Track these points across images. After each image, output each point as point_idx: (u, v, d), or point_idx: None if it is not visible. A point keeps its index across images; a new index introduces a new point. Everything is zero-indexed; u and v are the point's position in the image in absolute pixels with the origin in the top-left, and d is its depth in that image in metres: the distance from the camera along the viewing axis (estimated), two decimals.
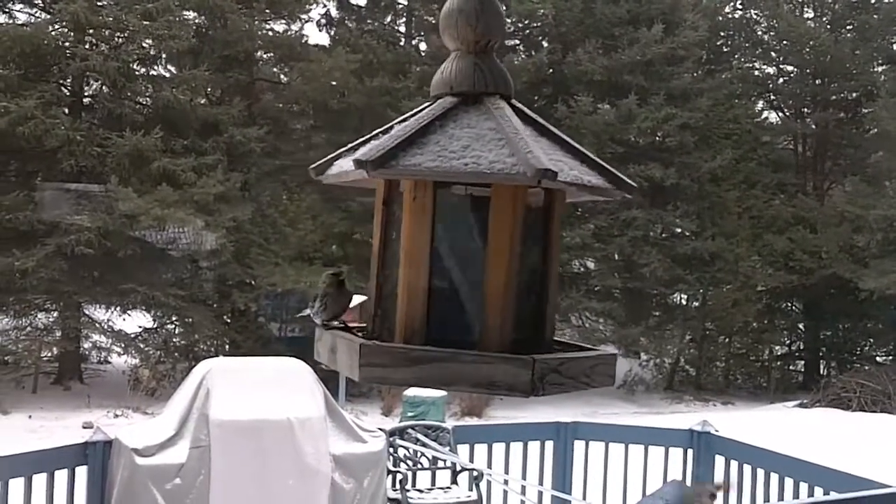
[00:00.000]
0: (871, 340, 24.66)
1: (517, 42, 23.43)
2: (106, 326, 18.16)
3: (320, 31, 22.50)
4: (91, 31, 17.75)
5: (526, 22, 23.10)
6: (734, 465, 6.12)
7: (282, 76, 21.27)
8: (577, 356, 1.38)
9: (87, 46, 17.48)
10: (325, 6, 22.33)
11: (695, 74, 22.84)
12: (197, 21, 19.54)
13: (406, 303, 1.37)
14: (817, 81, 25.35)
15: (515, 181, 1.27)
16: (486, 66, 1.41)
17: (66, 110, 17.98)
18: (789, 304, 25.23)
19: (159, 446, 5.45)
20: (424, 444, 6.45)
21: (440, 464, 6.70)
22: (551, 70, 22.02)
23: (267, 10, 19.79)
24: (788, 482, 5.68)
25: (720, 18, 25.86)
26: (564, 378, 1.32)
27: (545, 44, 22.81)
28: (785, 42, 25.24)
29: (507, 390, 1.28)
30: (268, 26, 20.46)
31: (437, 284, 1.37)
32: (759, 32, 26.28)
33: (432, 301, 1.36)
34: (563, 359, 1.34)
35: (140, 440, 5.46)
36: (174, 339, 19.26)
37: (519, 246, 1.33)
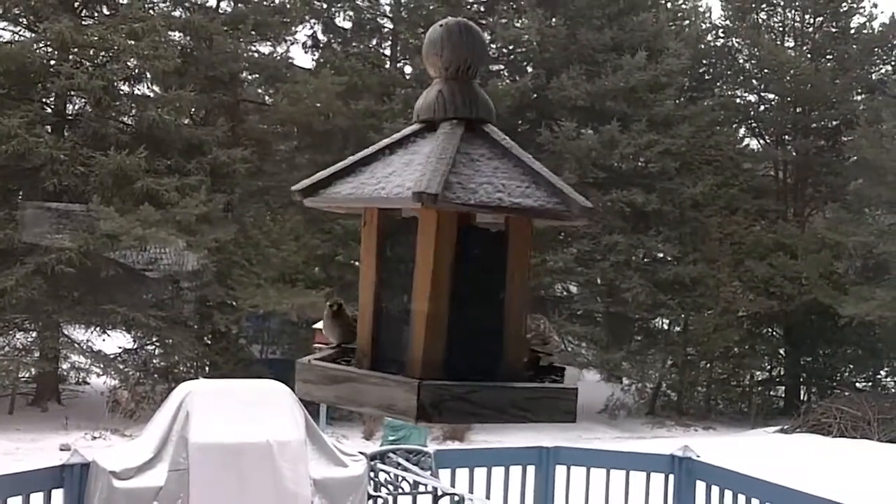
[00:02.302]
0: (851, 366, 24.81)
1: (501, 67, 23.59)
2: (85, 347, 18.00)
3: (306, 53, 22.64)
4: (76, 49, 17.73)
5: (510, 47, 23.27)
6: (715, 490, 6.11)
7: (266, 97, 21.31)
8: (505, 386, 1.30)
9: (71, 65, 17.44)
10: (311, 28, 22.46)
11: (677, 101, 23.05)
12: (182, 41, 19.57)
13: (360, 324, 1.41)
14: (798, 109, 25.66)
15: (392, 204, 1.30)
16: (450, 93, 1.41)
17: (50, 129, 17.91)
18: (770, 330, 25.37)
19: (137, 469, 5.38)
20: (406, 469, 6.41)
21: (421, 488, 6.65)
22: (535, 95, 22.16)
23: (253, 32, 19.84)
24: None
25: (702, 47, 26.15)
26: (478, 408, 1.27)
27: (529, 69, 22.97)
28: (766, 70, 25.56)
29: (403, 414, 1.27)
30: (253, 48, 20.53)
31: (382, 307, 1.39)
32: (741, 61, 26.60)
33: (378, 324, 1.38)
34: (474, 387, 1.28)
35: (118, 463, 5.39)
36: (154, 361, 19.10)
37: (448, 269, 1.31)
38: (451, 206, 1.27)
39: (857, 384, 24.02)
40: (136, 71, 18.58)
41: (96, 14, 19.14)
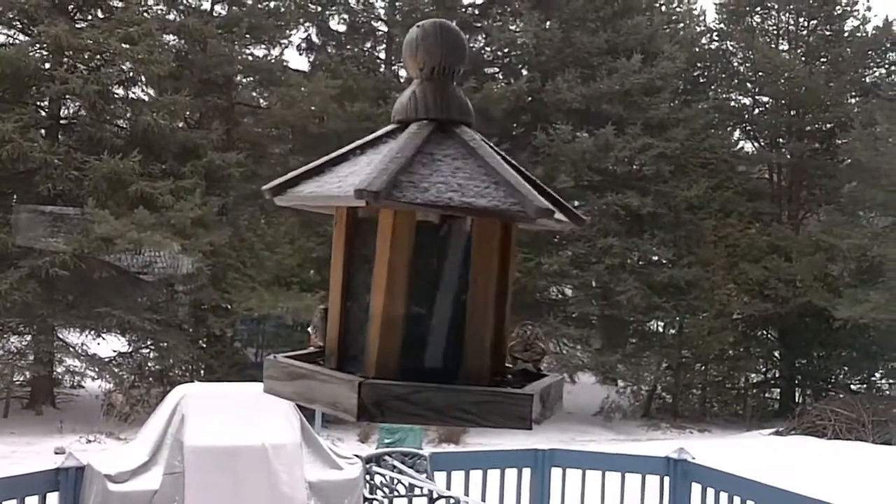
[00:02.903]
0: (846, 369, 24.86)
1: (497, 70, 23.62)
2: (80, 350, 17.96)
3: (300, 56, 22.62)
4: (70, 53, 17.70)
5: (506, 50, 23.30)
6: (710, 492, 6.12)
7: (261, 101, 21.30)
8: (451, 388, 1.29)
9: (66, 69, 17.41)
10: (305, 32, 22.46)
11: (672, 104, 23.10)
12: (177, 45, 19.56)
13: (329, 323, 1.43)
14: (792, 112, 25.72)
15: (346, 202, 1.31)
16: (423, 93, 1.41)
17: (44, 133, 17.89)
18: (765, 333, 25.41)
19: (132, 472, 5.37)
20: (401, 471, 6.40)
21: (417, 491, 6.65)
22: (530, 98, 22.18)
23: (247, 35, 19.83)
24: None
25: (697, 50, 26.21)
26: (420, 409, 1.27)
27: (524, 72, 23.00)
28: (760, 73, 25.62)
29: (346, 412, 1.28)
30: (248, 51, 20.52)
31: (349, 306, 1.40)
32: (735, 64, 26.66)
33: (344, 322, 1.40)
34: (418, 387, 1.27)
35: (113, 466, 5.39)
36: (149, 364, 19.07)
37: (405, 268, 1.30)
38: (394, 205, 1.26)
39: (852, 386, 24.06)
40: (131, 75, 18.57)
41: (91, 18, 19.11)
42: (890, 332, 20.38)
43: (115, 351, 18.63)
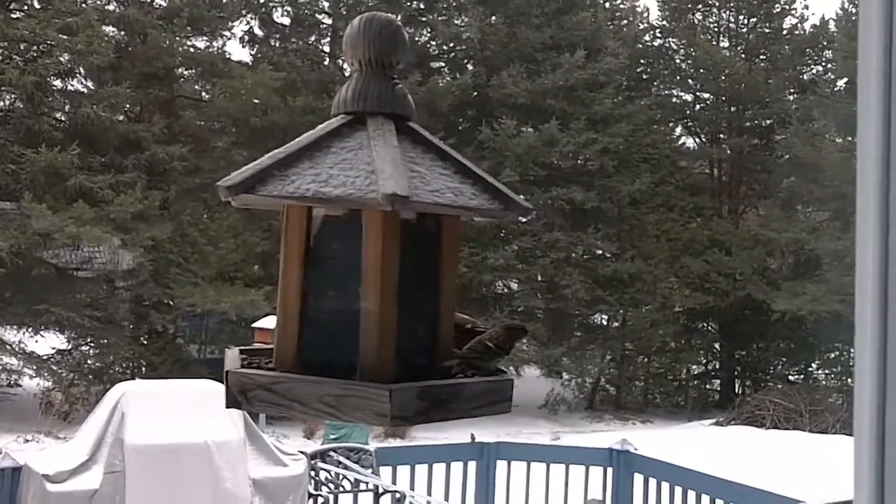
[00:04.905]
0: (784, 360, 25.42)
1: (442, 65, 23.63)
2: (17, 348, 17.54)
3: (243, 48, 22.35)
4: (6, 44, 17.26)
5: (451, 45, 23.31)
6: (653, 482, 6.21)
7: (203, 93, 21.00)
8: (312, 380, 1.29)
9: (1, 60, 16.97)
10: (248, 24, 22.19)
11: (615, 100, 23.34)
12: (117, 36, 19.17)
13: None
14: (732, 108, 26.20)
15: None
16: (351, 86, 1.41)
17: None
18: (705, 325, 25.86)
19: (71, 472, 5.27)
20: (346, 467, 6.39)
21: (362, 486, 6.64)
22: (475, 93, 22.24)
23: (189, 27, 19.53)
24: (705, 499, 5.79)
25: (640, 46, 26.52)
26: (282, 399, 1.28)
27: (470, 67, 23.04)
28: (702, 70, 26.04)
29: (224, 401, 1.33)
30: (189, 42, 20.21)
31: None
32: (678, 61, 27.05)
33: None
34: (278, 378, 1.29)
35: (51, 466, 5.28)
36: (88, 362, 18.70)
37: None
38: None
39: (790, 377, 24.62)
40: (70, 66, 18.16)
41: (27, 8, 18.64)
42: (826, 324, 20.90)
43: (53, 348, 18.24)
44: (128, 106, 19.45)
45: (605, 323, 24.57)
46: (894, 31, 0.70)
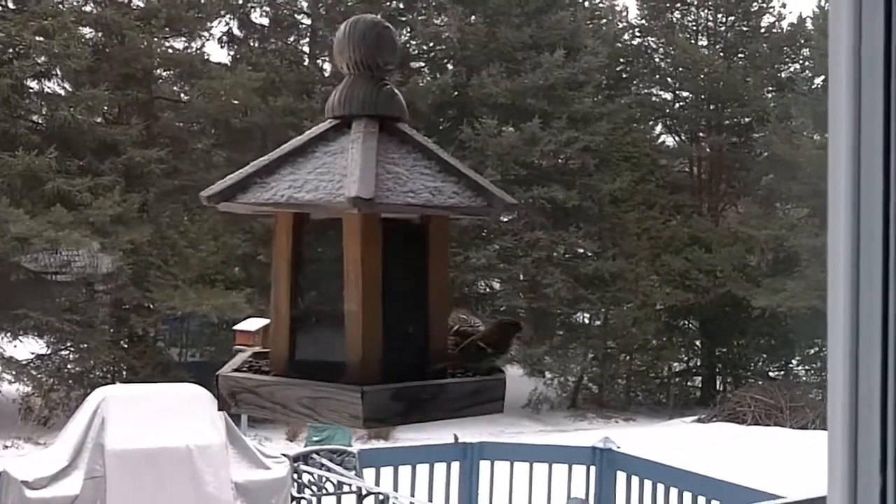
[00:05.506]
0: (765, 356, 25.59)
1: (422, 64, 23.61)
2: None
3: (222, 49, 22.23)
4: None
5: (431, 45, 23.31)
6: (635, 480, 6.24)
7: (182, 94, 20.88)
8: (292, 382, 1.31)
9: None
10: (226, 24, 22.09)
11: (595, 99, 23.42)
12: (94, 38, 19.04)
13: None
14: (711, 107, 26.35)
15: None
16: (340, 91, 1.41)
17: None
18: (686, 322, 25.99)
19: (51, 478, 5.23)
20: (329, 469, 6.37)
21: (346, 488, 6.62)
22: (456, 93, 22.24)
23: (167, 28, 19.42)
24: (687, 496, 5.82)
25: (619, 45, 26.61)
26: (266, 401, 1.30)
27: (450, 66, 23.04)
28: (681, 69, 26.17)
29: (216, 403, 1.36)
30: (167, 44, 20.09)
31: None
32: (657, 59, 27.18)
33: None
34: (263, 381, 1.31)
35: (31, 472, 5.24)
36: (68, 366, 18.57)
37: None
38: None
39: (770, 373, 24.80)
40: (46, 68, 18.02)
41: (2, 9, 18.48)
42: (806, 320, 21.05)
43: (32, 353, 18.10)
44: (106, 108, 19.33)
45: (587, 321, 24.64)
46: (863, 29, 0.70)
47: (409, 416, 1.30)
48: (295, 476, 6.32)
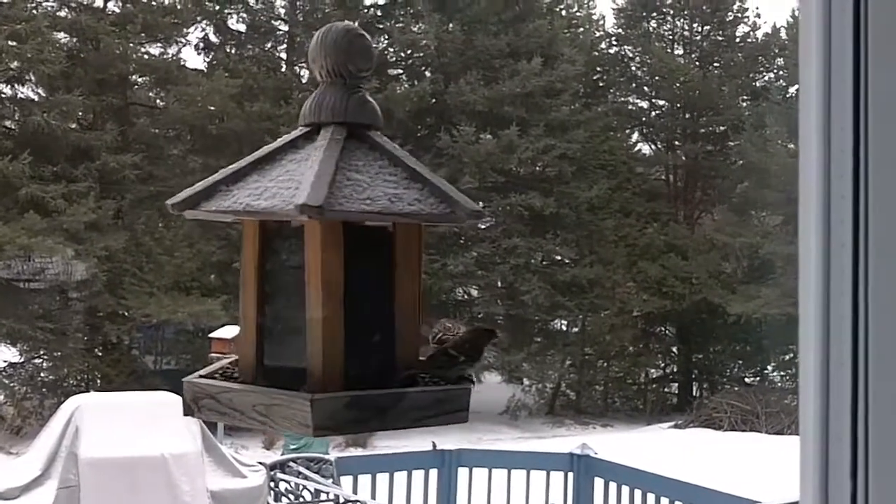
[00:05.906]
0: (740, 362, 25.76)
1: (400, 72, 23.63)
2: None
3: (198, 55, 22.12)
4: None
5: (408, 52, 23.33)
6: (612, 486, 6.26)
7: (157, 100, 20.76)
8: (248, 389, 1.31)
9: None
10: (203, 30, 22.00)
11: (572, 107, 23.53)
12: (69, 43, 18.90)
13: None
14: (687, 115, 26.55)
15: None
16: (328, 97, 1.41)
17: None
18: (663, 329, 26.13)
19: (24, 488, 5.18)
20: (306, 477, 6.34)
21: (323, 496, 6.59)
22: (434, 100, 22.28)
23: (142, 33, 19.31)
24: (664, 501, 5.85)
25: (596, 54, 26.76)
26: (226, 408, 1.31)
27: (427, 74, 23.07)
28: (657, 77, 26.36)
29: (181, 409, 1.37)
30: (143, 49, 19.98)
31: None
32: (633, 68, 27.35)
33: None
34: (224, 388, 1.32)
35: (3, 482, 5.18)
36: (41, 374, 18.37)
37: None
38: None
39: (746, 379, 24.95)
40: (20, 73, 17.87)
41: None
42: (780, 327, 21.20)
43: (5, 361, 17.90)
44: (80, 113, 19.19)
45: (564, 328, 24.71)
46: (833, 39, 0.71)
47: (366, 425, 1.31)
48: (272, 484, 6.28)
